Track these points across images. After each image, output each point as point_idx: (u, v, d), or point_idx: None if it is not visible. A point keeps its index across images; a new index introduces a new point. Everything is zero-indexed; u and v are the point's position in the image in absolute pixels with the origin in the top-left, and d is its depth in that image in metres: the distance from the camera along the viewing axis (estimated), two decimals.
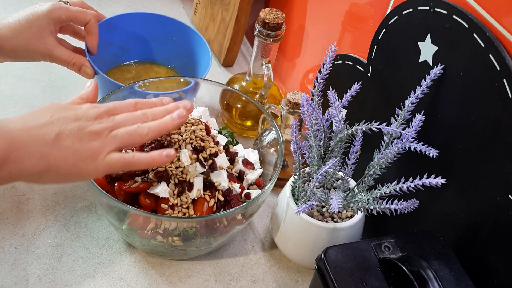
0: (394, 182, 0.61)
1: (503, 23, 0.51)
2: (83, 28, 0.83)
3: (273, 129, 0.77)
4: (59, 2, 0.80)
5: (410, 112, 0.61)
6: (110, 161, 0.56)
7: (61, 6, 0.78)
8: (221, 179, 0.69)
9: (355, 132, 0.63)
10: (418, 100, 0.60)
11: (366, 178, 0.66)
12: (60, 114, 0.56)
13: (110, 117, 0.59)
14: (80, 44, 0.85)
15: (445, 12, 0.56)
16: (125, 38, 0.95)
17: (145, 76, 0.82)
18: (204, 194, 0.68)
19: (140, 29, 0.95)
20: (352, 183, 0.72)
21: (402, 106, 0.61)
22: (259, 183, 0.74)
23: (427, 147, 0.57)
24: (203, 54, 0.91)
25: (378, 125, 0.61)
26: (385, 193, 0.62)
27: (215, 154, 0.69)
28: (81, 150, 0.55)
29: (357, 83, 0.64)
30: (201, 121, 0.72)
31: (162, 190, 0.65)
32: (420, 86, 0.59)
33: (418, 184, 0.58)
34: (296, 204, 0.69)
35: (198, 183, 0.67)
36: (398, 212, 0.61)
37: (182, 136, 0.68)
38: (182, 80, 0.82)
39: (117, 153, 0.57)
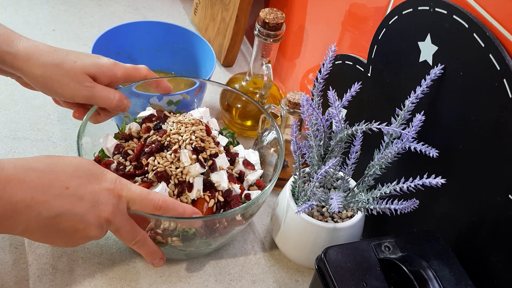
0: (394, 182, 0.61)
1: (503, 23, 0.51)
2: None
3: (273, 129, 0.77)
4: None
5: (410, 112, 0.61)
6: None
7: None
8: (221, 180, 0.69)
9: (355, 132, 0.63)
10: (418, 100, 0.60)
11: (366, 178, 0.66)
12: (78, 190, 0.56)
13: (121, 224, 0.60)
14: None
15: (445, 12, 0.56)
16: (132, 47, 0.95)
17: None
18: (204, 195, 0.67)
19: (147, 38, 0.95)
20: (352, 183, 0.72)
21: (402, 106, 0.61)
22: (260, 184, 0.74)
23: (427, 147, 0.57)
24: (208, 60, 0.91)
25: (378, 125, 0.61)
26: (385, 193, 0.62)
27: (215, 155, 0.69)
28: (63, 239, 0.58)
29: (357, 83, 0.64)
30: (201, 121, 0.72)
31: (162, 190, 0.65)
32: (420, 86, 0.59)
33: (418, 184, 0.58)
34: (296, 204, 0.69)
35: (198, 183, 0.67)
36: (398, 212, 0.61)
37: (182, 136, 0.68)
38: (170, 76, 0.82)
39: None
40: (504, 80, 0.51)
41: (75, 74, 0.68)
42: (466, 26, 0.54)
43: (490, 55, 0.52)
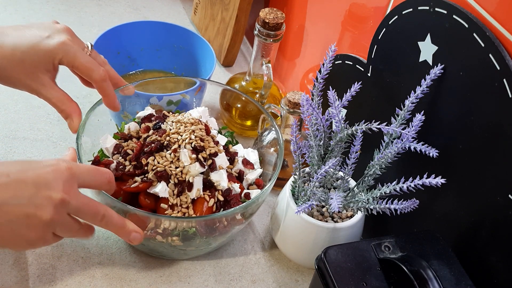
0: (394, 182, 0.61)
1: (503, 23, 0.51)
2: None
3: (273, 129, 0.77)
4: (70, 43, 0.66)
5: (410, 112, 0.61)
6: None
7: (69, 50, 0.65)
8: (220, 179, 0.69)
9: (355, 132, 0.63)
10: (418, 100, 0.60)
11: (366, 178, 0.66)
12: (19, 176, 0.53)
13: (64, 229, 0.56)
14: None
15: (445, 12, 0.56)
16: (132, 47, 0.95)
17: (152, 86, 0.81)
18: (203, 194, 0.67)
19: (147, 38, 0.95)
20: (352, 183, 0.72)
21: (402, 106, 0.61)
22: (259, 183, 0.74)
23: (427, 147, 0.57)
24: (208, 60, 0.91)
25: (378, 125, 0.61)
26: (385, 193, 0.62)
27: (215, 154, 0.69)
28: (20, 234, 0.54)
29: (357, 83, 0.64)
30: (200, 121, 0.72)
31: (161, 190, 0.65)
32: (420, 86, 0.59)
33: (418, 184, 0.58)
34: (296, 204, 0.69)
35: (198, 183, 0.67)
36: (398, 212, 0.61)
37: (181, 136, 0.68)
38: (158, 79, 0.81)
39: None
40: (504, 80, 0.51)
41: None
42: (466, 26, 0.54)
43: (490, 55, 0.52)
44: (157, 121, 0.74)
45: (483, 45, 0.53)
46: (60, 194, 0.54)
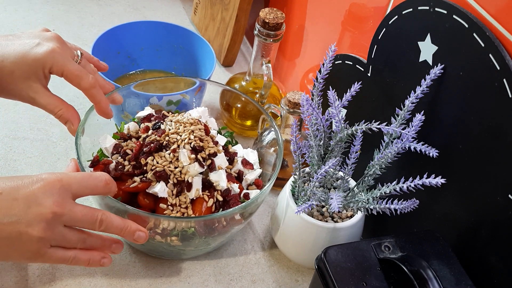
0: (394, 182, 0.61)
1: (503, 23, 0.51)
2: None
3: (273, 129, 0.77)
4: (60, 50, 0.65)
5: (410, 112, 0.61)
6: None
7: (58, 58, 0.64)
8: (220, 179, 0.69)
9: (355, 132, 0.63)
10: (418, 100, 0.60)
11: (366, 178, 0.65)
12: (11, 193, 0.53)
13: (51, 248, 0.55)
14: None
15: (445, 12, 0.56)
16: (132, 47, 0.95)
17: (152, 86, 0.81)
18: (203, 194, 0.67)
19: (147, 38, 0.95)
20: (352, 183, 0.72)
21: (402, 106, 0.61)
22: (258, 183, 0.74)
23: (427, 147, 0.57)
24: (208, 60, 0.91)
25: (378, 125, 0.61)
26: (385, 193, 0.62)
27: (214, 154, 0.69)
28: (14, 249, 0.54)
29: (357, 83, 0.64)
30: (200, 121, 0.72)
31: (160, 190, 0.65)
32: (420, 86, 0.59)
33: (418, 184, 0.58)
34: (296, 204, 0.69)
35: (197, 183, 0.67)
36: (398, 212, 0.61)
37: (181, 136, 0.68)
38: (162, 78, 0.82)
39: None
40: (504, 80, 0.51)
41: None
42: (466, 26, 0.54)
43: (490, 55, 0.52)
44: (156, 121, 0.74)
45: (483, 45, 0.52)
46: (50, 209, 0.53)
